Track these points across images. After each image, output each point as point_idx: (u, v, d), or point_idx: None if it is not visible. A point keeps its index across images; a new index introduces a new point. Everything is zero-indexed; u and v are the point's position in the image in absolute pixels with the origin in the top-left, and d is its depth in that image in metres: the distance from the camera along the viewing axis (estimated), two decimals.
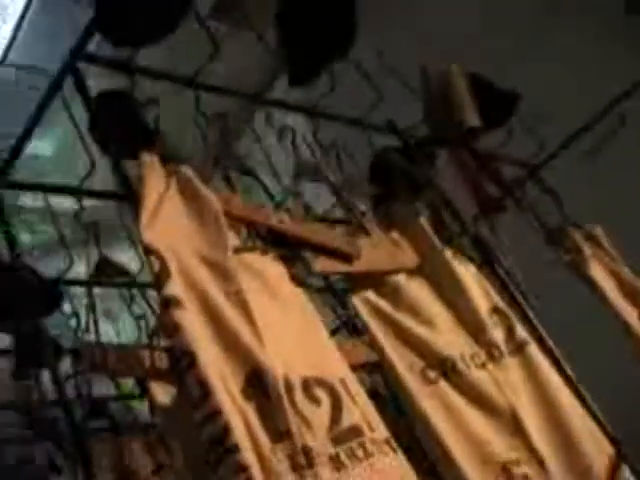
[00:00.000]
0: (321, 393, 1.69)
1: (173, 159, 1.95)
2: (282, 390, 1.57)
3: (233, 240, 1.85)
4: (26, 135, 2.21)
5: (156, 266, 1.64)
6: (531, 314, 2.47)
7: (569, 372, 2.37)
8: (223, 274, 1.69)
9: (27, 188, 2.37)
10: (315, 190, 2.40)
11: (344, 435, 1.64)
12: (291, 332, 1.80)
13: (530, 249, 3.05)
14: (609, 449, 2.21)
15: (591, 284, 2.98)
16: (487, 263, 2.49)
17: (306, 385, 1.67)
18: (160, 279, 1.62)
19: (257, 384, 1.56)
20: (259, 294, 1.79)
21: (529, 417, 2.12)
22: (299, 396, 1.62)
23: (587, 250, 3.10)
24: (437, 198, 2.58)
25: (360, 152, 2.60)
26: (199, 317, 1.60)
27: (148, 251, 1.66)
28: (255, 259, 1.88)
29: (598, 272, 3.02)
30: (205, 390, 1.49)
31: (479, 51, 4.06)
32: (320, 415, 1.64)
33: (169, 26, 2.19)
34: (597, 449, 2.18)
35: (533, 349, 2.29)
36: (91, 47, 2.09)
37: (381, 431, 1.73)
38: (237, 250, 1.83)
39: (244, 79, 2.39)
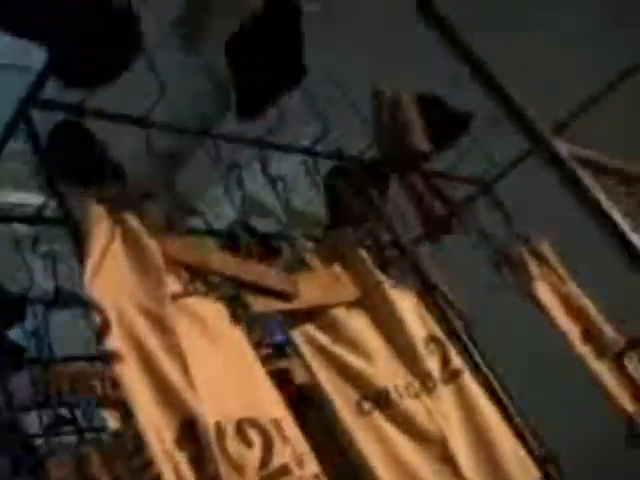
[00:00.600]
0: (253, 434, 1.81)
1: (123, 197, 2.05)
2: (213, 437, 1.69)
3: (174, 285, 1.95)
4: None
5: (98, 319, 1.75)
6: (467, 340, 2.58)
7: (503, 398, 2.49)
8: (161, 326, 1.80)
9: None
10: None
11: (273, 475, 1.77)
12: (227, 374, 1.91)
13: (477, 270, 3.16)
14: (536, 473, 2.34)
15: (537, 305, 3.09)
16: (426, 290, 2.59)
17: (239, 427, 1.80)
18: (101, 333, 1.73)
19: (189, 433, 1.67)
20: (198, 338, 1.91)
21: (459, 444, 2.24)
22: (230, 441, 1.74)
23: (534, 269, 3.20)
24: (379, 225, 2.67)
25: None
26: (137, 370, 1.71)
27: (91, 305, 1.77)
28: (195, 303, 1.98)
29: (544, 292, 3.12)
30: (140, 442, 1.62)
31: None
32: (251, 457, 1.77)
33: (120, 67, 2.28)
34: (524, 473, 2.30)
35: (467, 377, 2.41)
36: None
37: (310, 467, 1.86)
38: (177, 296, 1.94)
39: (193, 112, 2.47)
